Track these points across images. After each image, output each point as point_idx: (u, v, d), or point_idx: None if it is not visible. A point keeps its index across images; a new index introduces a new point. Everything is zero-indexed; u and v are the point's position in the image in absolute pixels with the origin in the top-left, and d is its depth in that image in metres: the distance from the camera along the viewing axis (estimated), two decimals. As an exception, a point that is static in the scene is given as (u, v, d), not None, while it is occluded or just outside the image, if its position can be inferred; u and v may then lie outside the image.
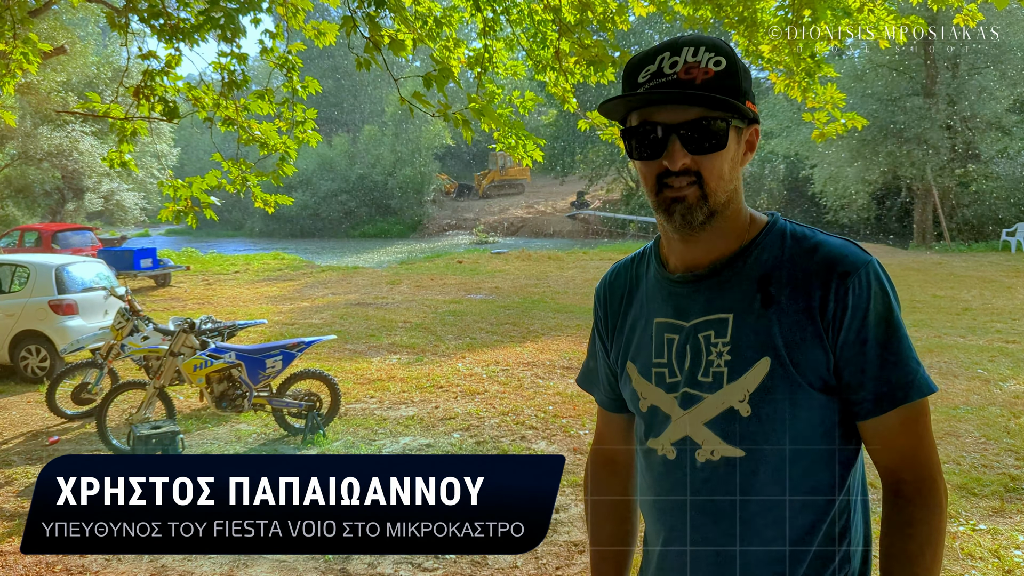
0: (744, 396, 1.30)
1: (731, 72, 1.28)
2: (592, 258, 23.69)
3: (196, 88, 6.01)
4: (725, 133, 1.28)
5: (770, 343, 1.28)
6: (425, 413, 7.17)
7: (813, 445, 1.30)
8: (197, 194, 5.95)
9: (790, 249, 1.33)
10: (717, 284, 1.36)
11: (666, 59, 1.28)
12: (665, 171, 1.29)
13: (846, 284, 1.26)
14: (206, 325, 6.64)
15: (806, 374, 1.27)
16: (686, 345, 1.37)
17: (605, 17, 5.85)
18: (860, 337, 1.26)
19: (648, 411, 1.44)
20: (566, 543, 4.46)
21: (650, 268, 1.50)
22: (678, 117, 1.27)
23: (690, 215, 1.29)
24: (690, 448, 1.36)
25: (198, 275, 21.00)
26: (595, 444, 1.75)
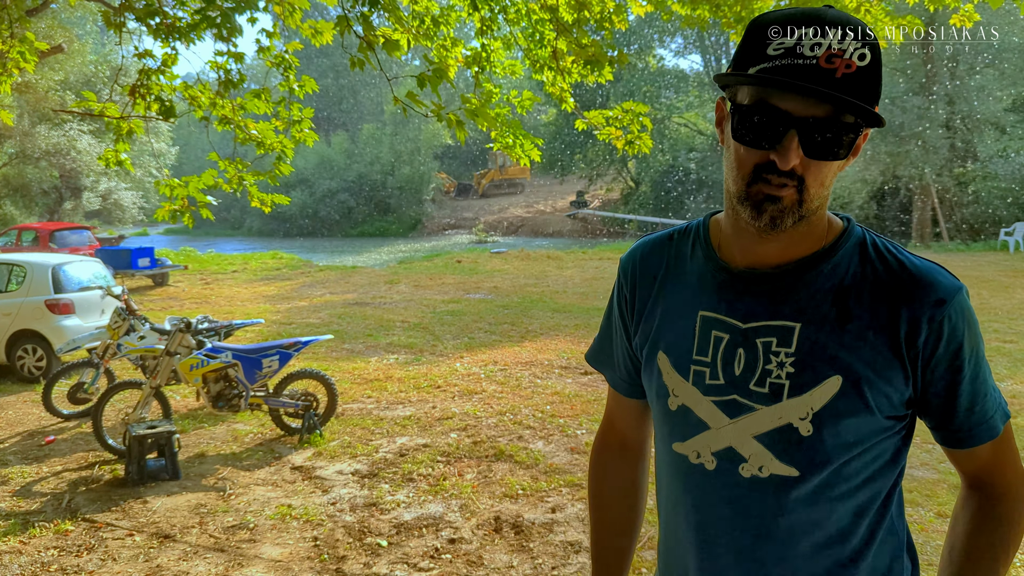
0: (807, 414, 1.20)
1: (873, 70, 1.12)
2: (591, 258, 23.68)
3: (192, 87, 6.00)
4: (852, 141, 1.14)
5: (844, 362, 1.18)
6: (422, 413, 7.16)
7: (871, 463, 1.23)
8: (194, 193, 5.94)
9: (874, 264, 1.22)
10: (785, 288, 1.24)
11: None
12: (768, 165, 1.14)
13: (942, 313, 1.16)
14: (202, 325, 6.62)
15: (879, 399, 1.18)
16: (738, 348, 1.26)
17: (603, 16, 5.84)
18: (954, 370, 1.18)
19: (678, 410, 1.34)
20: (562, 543, 4.45)
21: (697, 252, 1.37)
22: (805, 110, 1.10)
23: (781, 218, 1.16)
24: (735, 461, 1.26)
25: (196, 274, 20.98)
26: (604, 426, 1.65)
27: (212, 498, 5.22)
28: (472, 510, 4.95)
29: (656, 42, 42.81)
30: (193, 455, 6.09)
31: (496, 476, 5.54)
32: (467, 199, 52.45)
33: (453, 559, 4.29)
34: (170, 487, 5.42)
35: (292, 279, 19.78)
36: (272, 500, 5.17)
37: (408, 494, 5.24)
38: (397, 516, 4.88)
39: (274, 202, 6.30)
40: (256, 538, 4.59)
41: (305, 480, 5.54)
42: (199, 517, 4.91)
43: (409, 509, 4.99)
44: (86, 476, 5.67)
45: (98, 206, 35.35)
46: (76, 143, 28.55)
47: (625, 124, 5.86)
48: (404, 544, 4.49)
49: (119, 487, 5.44)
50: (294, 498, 5.20)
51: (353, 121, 59.52)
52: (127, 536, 4.64)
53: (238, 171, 6.09)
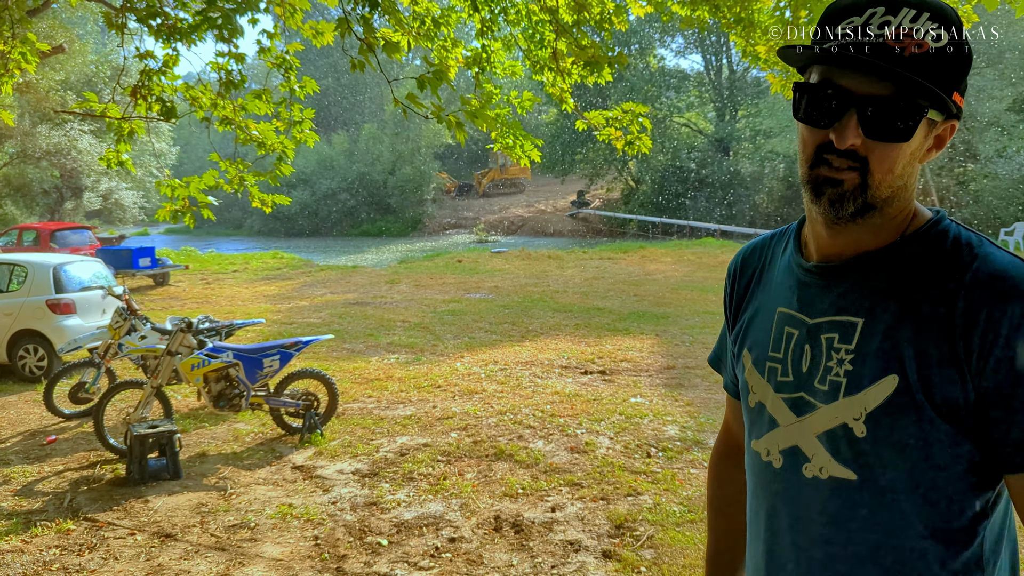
0: (860, 414, 1.14)
1: (950, 53, 1.06)
2: (592, 257, 23.70)
3: (194, 88, 6.02)
4: (915, 124, 1.07)
5: (899, 359, 1.10)
6: (423, 412, 7.18)
7: (936, 483, 1.12)
8: (194, 194, 5.96)
9: (947, 255, 1.13)
10: (853, 282, 1.19)
11: (877, 15, 1.06)
12: (829, 145, 1.11)
13: (1004, 308, 1.04)
14: (204, 324, 6.64)
15: (937, 402, 1.08)
16: (805, 344, 1.23)
17: (602, 18, 5.86)
18: (1011, 376, 1.04)
19: (755, 407, 1.32)
20: (562, 542, 4.47)
21: (787, 248, 1.35)
22: (865, 88, 1.07)
23: (840, 203, 1.11)
24: (799, 460, 1.22)
25: (197, 274, 21.01)
26: (722, 433, 1.64)
27: (213, 497, 5.24)
28: (472, 509, 4.97)
29: (657, 42, 42.85)
30: (194, 454, 6.11)
31: (496, 475, 5.56)
32: (468, 199, 52.49)
33: (453, 558, 4.31)
34: (171, 486, 5.44)
35: (293, 279, 19.80)
36: (273, 499, 5.19)
37: (408, 493, 5.26)
38: (397, 515, 4.90)
39: (275, 202, 6.33)
40: (257, 537, 4.61)
41: (306, 479, 5.56)
42: (200, 516, 4.93)
43: (409, 508, 5.01)
44: (87, 475, 5.69)
45: (99, 206, 35.40)
46: (77, 143, 28.58)
47: (625, 124, 5.88)
48: (404, 543, 4.51)
49: (120, 486, 5.46)
50: (295, 497, 5.22)
51: (354, 121, 59.56)
52: (128, 535, 4.66)
53: (239, 172, 6.12)
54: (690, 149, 40.10)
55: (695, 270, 19.87)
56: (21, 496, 5.31)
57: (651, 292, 15.83)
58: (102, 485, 5.50)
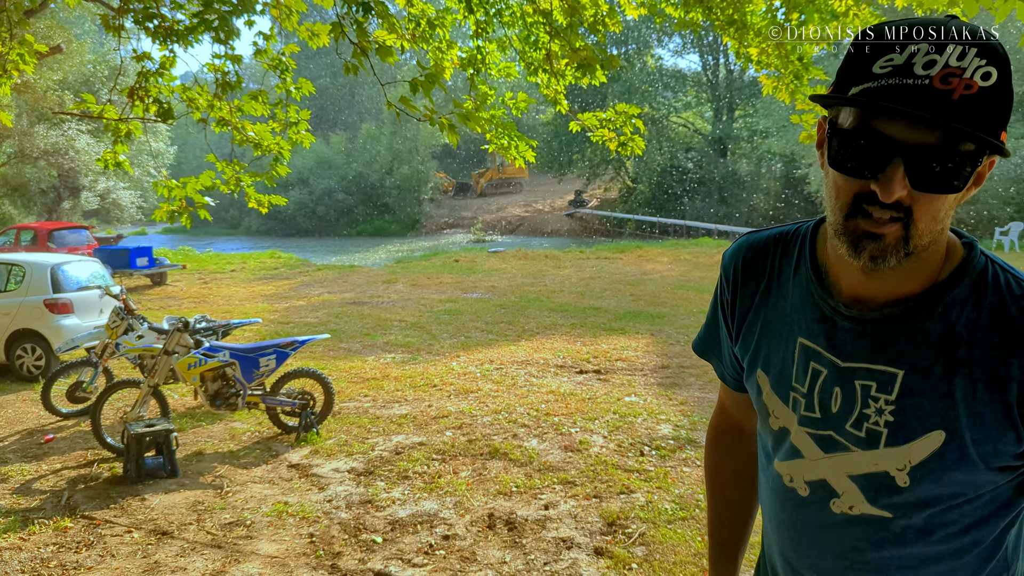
0: (905, 466, 1.11)
1: (1000, 91, 0.97)
2: (589, 257, 23.74)
3: (191, 89, 6.06)
4: (967, 173, 0.99)
5: (949, 417, 1.07)
6: (418, 411, 7.23)
7: (972, 513, 1.14)
8: (191, 194, 6.00)
9: (991, 301, 1.08)
10: (890, 331, 1.12)
11: (920, 54, 0.95)
12: (870, 196, 1.01)
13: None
14: (200, 324, 6.68)
15: (986, 456, 1.07)
16: (836, 387, 1.18)
17: (596, 19, 5.91)
18: None
19: (779, 431, 1.30)
20: (554, 539, 4.51)
21: (801, 269, 1.26)
22: (913, 136, 0.97)
23: (883, 257, 1.04)
24: (827, 494, 1.22)
25: (194, 274, 21.05)
26: (718, 413, 1.64)
27: (210, 495, 5.29)
28: (466, 507, 5.02)
29: (654, 42, 42.90)
30: (191, 453, 6.15)
31: (490, 474, 5.61)
32: (465, 198, 52.53)
33: (447, 555, 4.36)
34: (168, 485, 5.49)
35: (290, 278, 19.84)
36: (269, 497, 5.24)
37: (403, 491, 5.31)
38: (392, 513, 4.95)
39: (271, 202, 6.37)
40: (253, 535, 4.66)
41: (302, 478, 5.61)
42: (196, 514, 4.97)
43: (404, 506, 5.05)
44: (85, 474, 5.73)
45: (96, 205, 35.40)
46: (74, 143, 28.60)
47: (618, 126, 5.92)
48: (399, 540, 4.55)
49: (117, 485, 5.50)
50: (291, 495, 5.26)
51: (352, 121, 59.58)
52: (125, 533, 4.71)
53: (235, 172, 6.16)
54: (687, 149, 40.17)
55: (691, 270, 19.92)
56: (19, 494, 5.35)
57: (647, 292, 15.88)
58: (99, 483, 5.55)
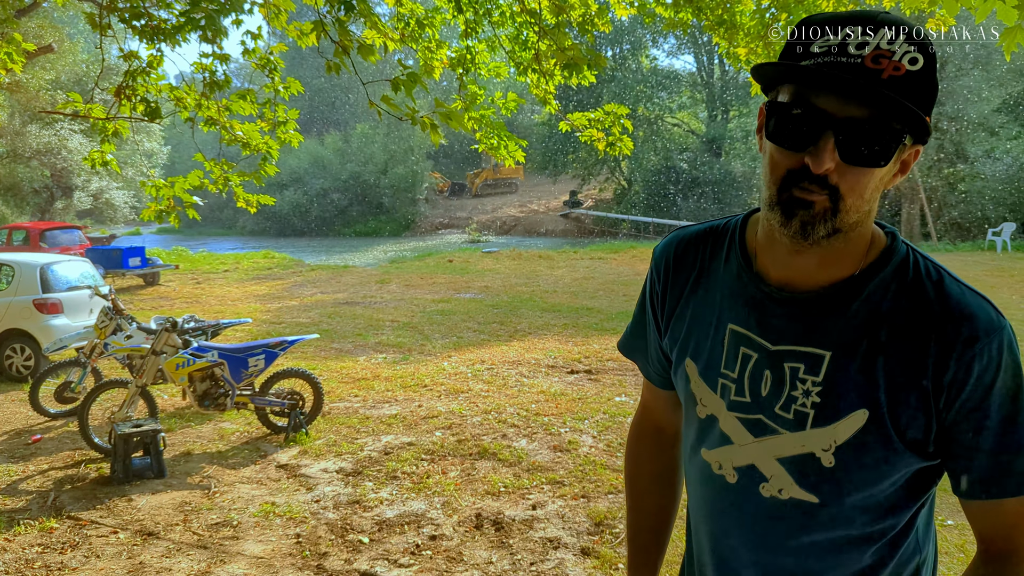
0: (830, 446, 1.16)
1: (926, 77, 1.04)
2: (582, 257, 23.74)
3: (178, 88, 6.04)
4: (893, 148, 1.06)
5: (871, 395, 1.13)
6: (408, 412, 7.21)
7: (890, 497, 1.19)
8: (179, 194, 5.98)
9: (911, 289, 1.14)
10: (818, 313, 1.18)
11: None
12: (801, 170, 1.07)
13: (972, 351, 1.08)
14: (189, 324, 6.66)
15: (903, 434, 1.13)
16: (766, 370, 1.22)
17: (585, 19, 5.90)
18: (980, 414, 1.09)
19: (706, 419, 1.32)
20: (541, 539, 4.51)
21: (732, 257, 1.30)
22: (842, 110, 1.03)
23: (812, 226, 1.08)
24: (756, 479, 1.24)
25: (187, 274, 20.99)
26: (640, 413, 1.64)
27: (197, 496, 5.27)
28: (454, 507, 5.01)
29: (649, 42, 42.91)
30: (179, 453, 6.13)
31: (479, 474, 5.60)
32: (460, 199, 52.47)
33: (433, 555, 4.35)
34: (155, 485, 5.47)
35: (283, 278, 19.80)
36: (256, 498, 5.22)
37: (391, 492, 5.30)
38: (380, 513, 4.94)
39: (260, 202, 6.35)
40: (239, 535, 4.64)
41: (290, 478, 5.59)
42: (183, 515, 4.96)
43: (392, 506, 5.04)
44: (72, 474, 5.71)
45: (89, 205, 35.31)
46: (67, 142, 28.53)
47: (607, 126, 5.92)
48: (385, 541, 4.54)
49: (104, 485, 5.48)
50: (278, 496, 5.25)
51: (347, 120, 59.45)
52: (111, 534, 4.69)
53: (224, 172, 6.14)
54: (682, 150, 40.18)
55: (685, 270, 19.88)
56: (5, 495, 5.32)
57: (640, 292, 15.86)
58: (86, 484, 5.53)
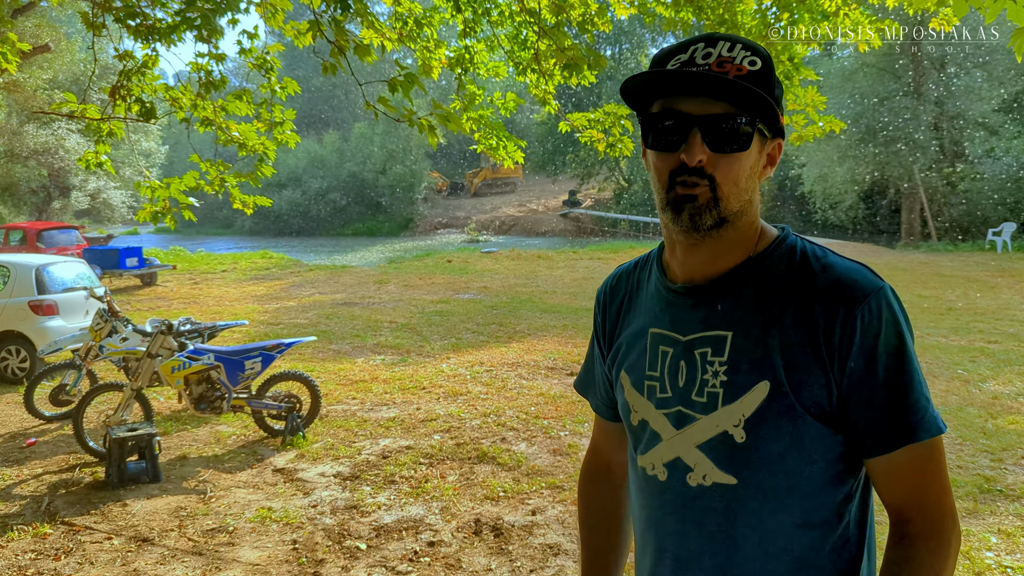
0: (739, 421, 1.22)
1: (765, 76, 1.21)
2: (582, 257, 23.70)
3: (173, 88, 5.98)
4: (750, 135, 1.21)
5: (769, 366, 1.20)
6: (406, 415, 7.15)
7: (811, 477, 1.22)
8: (175, 195, 5.93)
9: (798, 268, 1.25)
10: (717, 298, 1.28)
11: (699, 50, 1.21)
12: (680, 167, 1.20)
13: (854, 312, 1.17)
14: (185, 326, 6.60)
15: (807, 402, 1.19)
16: (680, 360, 1.30)
17: (584, 19, 5.85)
18: (867, 370, 1.17)
19: (639, 425, 1.38)
20: (541, 545, 4.45)
21: (652, 275, 1.43)
22: (703, 109, 1.19)
23: (699, 216, 1.21)
24: (682, 470, 1.29)
25: (185, 274, 20.93)
26: (590, 452, 1.70)
27: (192, 501, 5.21)
28: (452, 512, 4.95)
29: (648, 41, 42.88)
30: (175, 457, 6.07)
31: (478, 478, 5.55)
32: (459, 198, 52.44)
33: (431, 562, 4.29)
34: (150, 490, 5.41)
35: (281, 279, 19.74)
36: (253, 503, 5.16)
37: (389, 496, 5.24)
38: (377, 519, 4.88)
39: (256, 203, 6.29)
40: (235, 541, 4.58)
41: (287, 482, 5.53)
42: (178, 520, 4.90)
43: (390, 511, 4.99)
44: (66, 479, 5.65)
45: (87, 205, 35.24)
46: (64, 142, 28.46)
47: (607, 127, 5.86)
48: (383, 547, 4.48)
49: (99, 490, 5.42)
50: (275, 500, 5.19)
51: (345, 120, 59.40)
52: (105, 539, 4.63)
53: (220, 173, 6.08)
54: (681, 149, 40.08)
55: (684, 270, 19.85)
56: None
57: (640, 292, 15.81)
58: (80, 488, 5.47)
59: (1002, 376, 8.21)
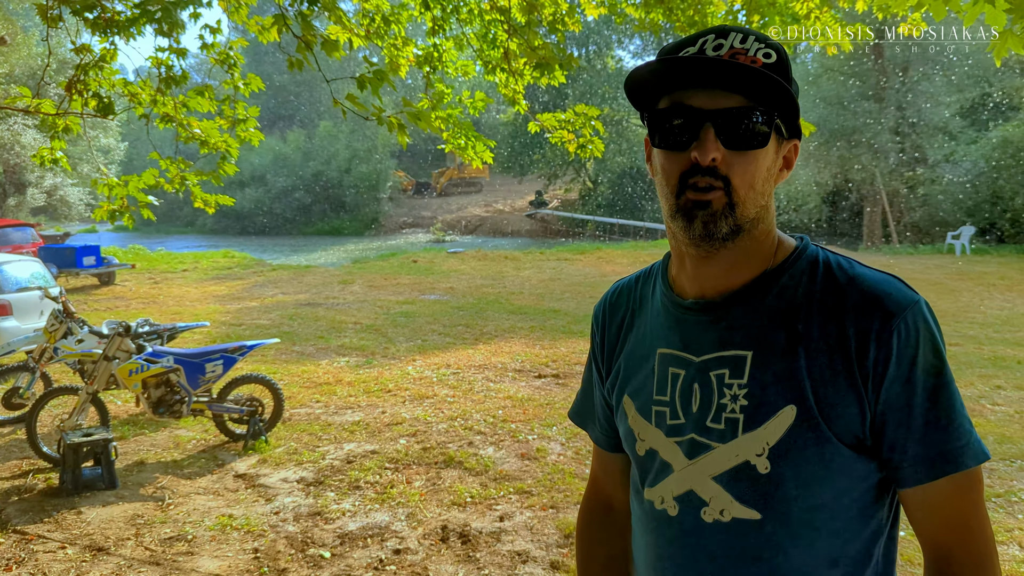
0: (763, 450, 1.11)
1: (781, 69, 1.11)
2: (549, 258, 23.67)
3: (132, 83, 5.81)
4: (767, 132, 1.10)
5: (797, 389, 1.10)
6: (371, 418, 7.04)
7: (841, 510, 1.12)
8: (134, 193, 5.76)
9: (823, 280, 1.14)
10: (735, 315, 1.17)
11: (709, 41, 1.12)
12: (691, 168, 1.10)
13: (891, 327, 1.07)
14: (143, 328, 6.42)
15: (837, 428, 1.09)
16: (693, 383, 1.19)
17: (555, 18, 5.79)
18: (906, 391, 1.07)
19: (646, 455, 1.26)
20: (509, 552, 4.38)
21: (656, 289, 1.31)
22: (716, 103, 1.09)
23: (714, 224, 1.10)
24: (696, 505, 1.18)
25: (144, 273, 20.53)
26: (589, 489, 1.57)
27: (150, 508, 5.06)
28: (419, 519, 4.86)
29: (615, 43, 43.04)
30: (132, 463, 5.90)
31: (445, 483, 5.46)
32: (425, 198, 52.20)
33: (397, 570, 4.20)
34: (106, 497, 5.24)
35: (244, 278, 19.45)
36: (213, 510, 5.02)
37: (354, 503, 5.13)
38: (342, 526, 4.77)
39: (218, 202, 6.14)
40: (194, 550, 4.45)
41: (248, 488, 5.40)
42: (135, 528, 4.75)
43: (354, 518, 4.88)
44: (19, 485, 5.46)
45: (43, 202, 34.46)
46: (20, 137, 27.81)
47: (577, 127, 5.81)
48: (347, 555, 4.38)
49: (53, 497, 5.24)
50: (236, 507, 5.06)
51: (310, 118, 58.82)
52: (59, 548, 4.47)
53: (180, 171, 5.92)
54: (647, 150, 40.32)
55: (650, 272, 19.93)
56: (-55, 508, 5.07)
57: (606, 294, 15.83)
58: (34, 495, 5.28)
59: (963, 379, 8.32)
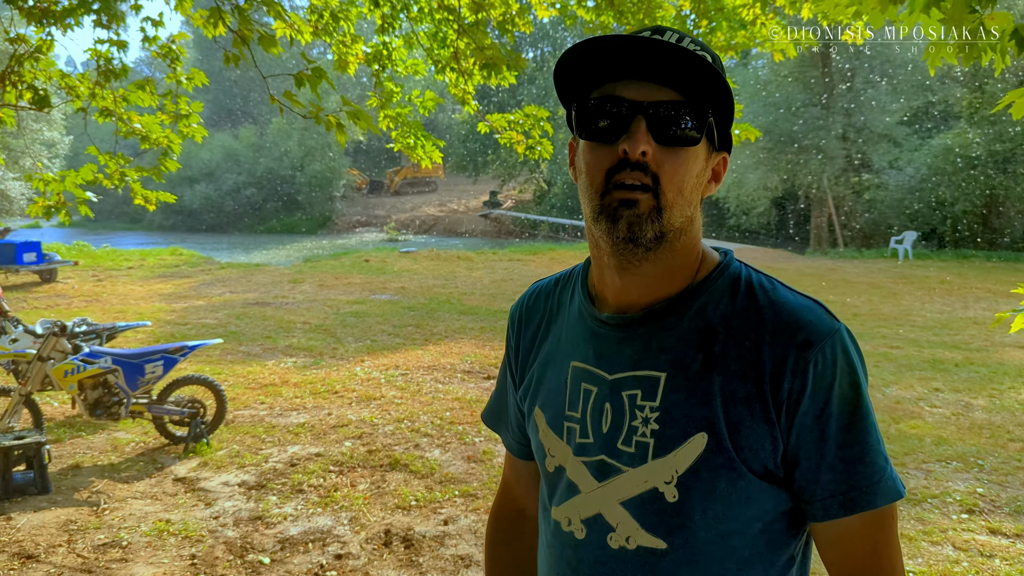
0: (671, 477, 1.06)
1: (716, 76, 1.05)
2: (501, 259, 23.66)
3: (70, 76, 5.65)
4: (702, 126, 1.05)
5: (709, 416, 1.04)
6: (317, 420, 6.94)
7: (750, 541, 1.08)
8: (71, 188, 5.60)
9: (743, 301, 1.09)
10: (651, 333, 1.11)
11: (645, 36, 1.04)
12: (619, 164, 1.03)
13: (807, 356, 1.03)
14: (80, 328, 6.24)
15: (748, 458, 1.04)
16: (605, 402, 1.13)
17: (505, 19, 5.77)
18: (819, 424, 1.03)
19: (555, 472, 1.21)
20: (453, 557, 4.34)
21: (575, 297, 1.25)
22: (649, 95, 1.03)
23: (639, 227, 1.03)
24: (603, 529, 1.12)
25: (88, 271, 20.01)
26: (501, 494, 1.51)
27: (84, 514, 4.91)
28: (362, 523, 4.80)
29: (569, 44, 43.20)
30: (67, 467, 5.73)
31: (389, 486, 5.40)
32: (379, 196, 51.86)
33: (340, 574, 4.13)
34: (38, 502, 5.07)
35: (191, 276, 19.08)
36: (150, 515, 4.90)
37: (296, 507, 5.04)
38: (283, 530, 4.69)
39: (160, 199, 6.00)
40: (128, 557, 4.33)
41: (187, 492, 5.28)
42: (68, 535, 4.60)
43: (296, 523, 4.80)
44: (-55, 491, 5.27)
45: (-18, 197, 33.41)
46: (-42, 129, 26.93)
47: (526, 128, 5.80)
48: (288, 561, 4.30)
49: (-19, 503, 5.07)
50: (174, 512, 4.94)
51: (262, 114, 58.01)
52: (-15, 557, 4.31)
53: (120, 166, 5.77)
54: (600, 152, 40.58)
55: (602, 273, 20.03)
56: None
57: (558, 295, 15.85)
58: (-40, 501, 5.10)
59: (904, 381, 8.49)
